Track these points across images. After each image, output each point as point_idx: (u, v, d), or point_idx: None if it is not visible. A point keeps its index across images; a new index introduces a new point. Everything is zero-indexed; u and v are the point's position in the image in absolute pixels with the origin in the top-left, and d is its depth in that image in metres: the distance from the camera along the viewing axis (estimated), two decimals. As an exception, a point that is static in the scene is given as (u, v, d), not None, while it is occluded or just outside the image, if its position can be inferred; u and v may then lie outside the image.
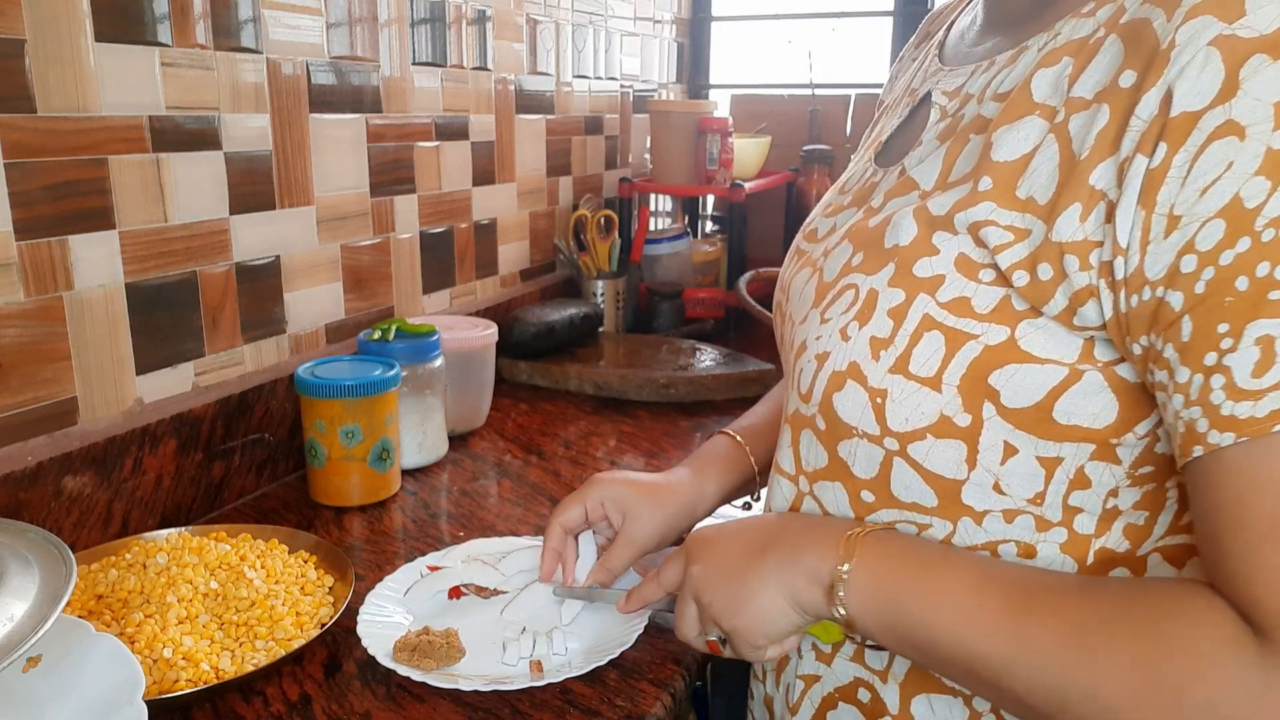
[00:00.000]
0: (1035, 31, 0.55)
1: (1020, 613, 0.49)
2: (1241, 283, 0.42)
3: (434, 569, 0.86)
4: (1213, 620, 0.43)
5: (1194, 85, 0.43)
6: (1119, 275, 0.46)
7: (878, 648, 0.61)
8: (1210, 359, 0.43)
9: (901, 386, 0.54)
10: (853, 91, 1.97)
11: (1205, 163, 0.43)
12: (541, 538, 0.88)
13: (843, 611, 0.55)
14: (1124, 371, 0.49)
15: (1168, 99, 0.44)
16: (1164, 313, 0.44)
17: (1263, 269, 0.41)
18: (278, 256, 1.09)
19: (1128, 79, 0.46)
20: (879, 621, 0.55)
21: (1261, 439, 0.41)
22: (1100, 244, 0.46)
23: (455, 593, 0.83)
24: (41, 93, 0.81)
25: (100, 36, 0.85)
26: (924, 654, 0.53)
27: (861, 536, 0.56)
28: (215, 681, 0.69)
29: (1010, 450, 0.52)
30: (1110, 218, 0.46)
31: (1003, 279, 0.51)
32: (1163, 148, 0.44)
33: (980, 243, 0.51)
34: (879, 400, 0.55)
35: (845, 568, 0.55)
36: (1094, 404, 0.50)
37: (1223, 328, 0.42)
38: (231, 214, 1.02)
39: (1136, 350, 0.47)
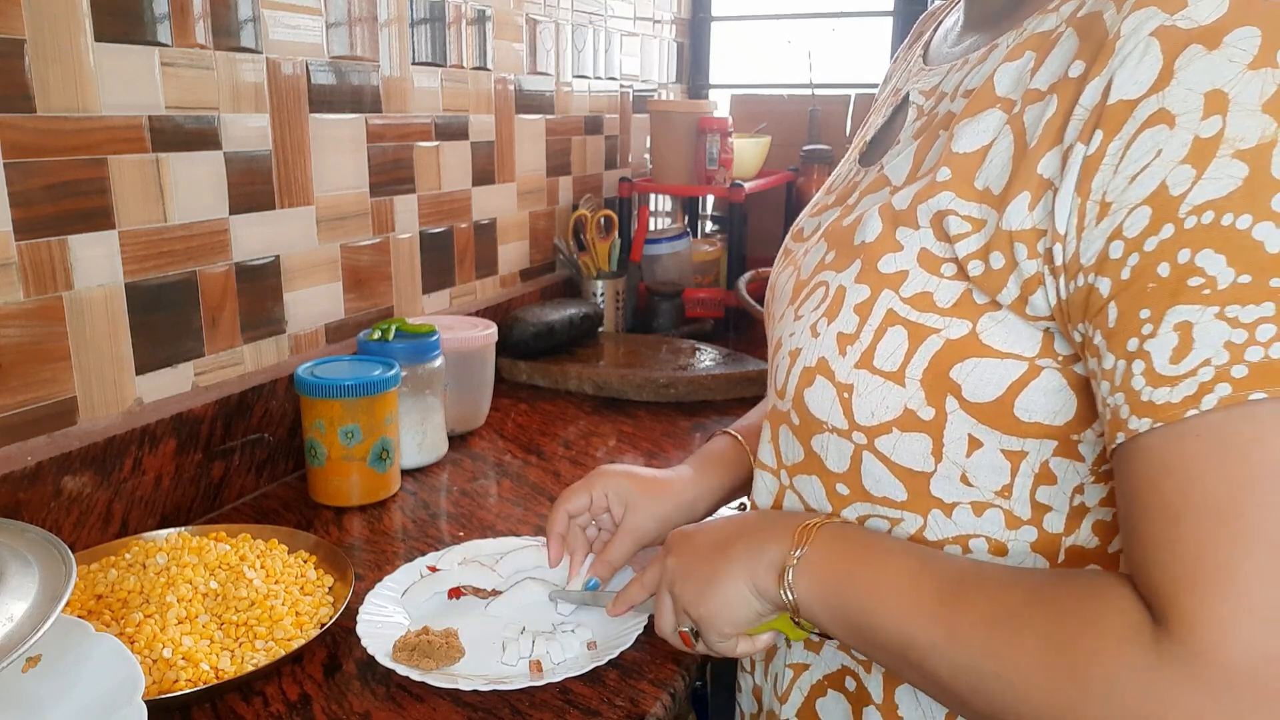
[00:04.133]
0: (1008, 29, 0.56)
1: (949, 599, 0.50)
2: (1163, 269, 0.42)
3: (433, 569, 0.86)
4: (1118, 606, 0.44)
5: (1132, 74, 0.44)
6: (1058, 262, 0.47)
7: (826, 636, 0.61)
8: (1132, 344, 0.43)
9: (867, 381, 0.55)
10: (852, 91, 1.97)
11: (1137, 150, 0.43)
12: (540, 537, 0.88)
13: (790, 596, 0.57)
14: (1081, 368, 0.50)
15: (1108, 88, 0.45)
16: (1094, 299, 0.45)
17: (1183, 255, 0.41)
18: (277, 256, 1.09)
19: (1076, 70, 0.47)
20: (825, 607, 0.56)
21: (1175, 424, 0.41)
22: (1046, 232, 0.47)
23: (455, 593, 0.83)
24: (41, 93, 0.81)
25: (100, 36, 0.85)
26: (863, 639, 0.55)
27: (817, 527, 0.58)
28: (215, 681, 0.69)
29: (975, 443, 0.53)
30: (1053, 206, 0.47)
31: (963, 272, 0.52)
32: (1098, 135, 0.45)
33: (942, 234, 0.52)
34: (846, 395, 0.56)
35: (797, 553, 0.57)
36: (1053, 401, 0.50)
37: (1144, 313, 0.43)
38: (231, 214, 1.02)
39: (1077, 338, 0.48)
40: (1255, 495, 0.39)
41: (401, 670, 0.70)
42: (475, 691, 0.70)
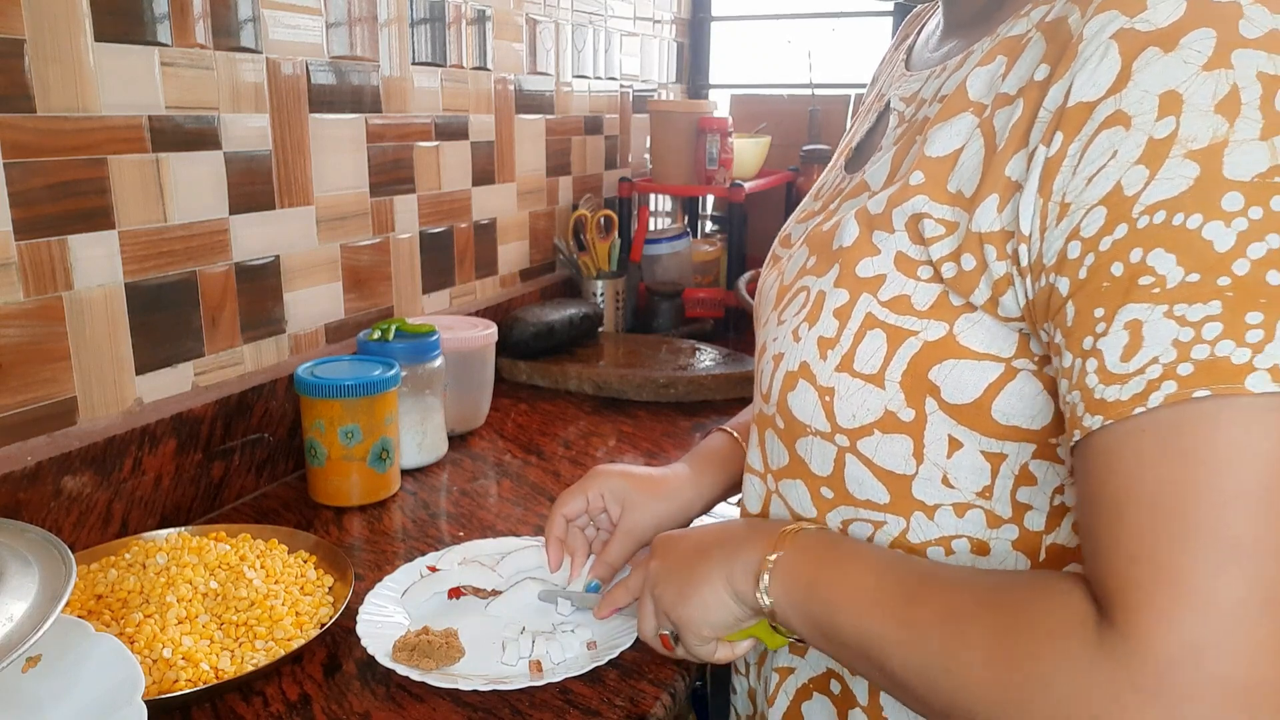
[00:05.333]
0: (984, 34, 0.56)
1: (911, 597, 0.51)
2: (1116, 268, 0.43)
3: (434, 569, 0.86)
4: (1065, 600, 0.44)
5: (1091, 76, 0.45)
6: (1023, 263, 0.47)
7: (797, 639, 0.62)
8: (1087, 343, 0.44)
9: (847, 384, 0.56)
10: (852, 91, 1.97)
11: (1094, 151, 0.44)
12: (540, 538, 0.88)
13: (766, 600, 0.58)
14: (1054, 372, 0.50)
15: (1069, 90, 0.45)
16: (1055, 298, 0.46)
17: (1136, 255, 0.42)
18: (277, 256, 1.09)
19: (1041, 73, 0.48)
20: (795, 608, 0.57)
21: (1123, 421, 0.42)
22: (1013, 234, 0.48)
23: (455, 593, 0.83)
24: (41, 92, 0.81)
25: (100, 36, 0.85)
26: (828, 639, 0.55)
27: (792, 533, 0.59)
28: (215, 681, 0.69)
29: (955, 444, 0.53)
30: (1019, 208, 0.48)
31: (939, 275, 0.52)
32: (1059, 137, 0.45)
33: (917, 237, 0.53)
34: (827, 398, 0.57)
35: (773, 557, 0.58)
36: (1030, 406, 0.51)
37: (1098, 312, 0.43)
38: (231, 214, 1.02)
39: (1044, 338, 0.48)
40: (1197, 491, 0.40)
41: (401, 670, 0.70)
42: (475, 691, 0.70)
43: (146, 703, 0.55)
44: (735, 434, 0.84)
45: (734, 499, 0.85)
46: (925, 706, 0.50)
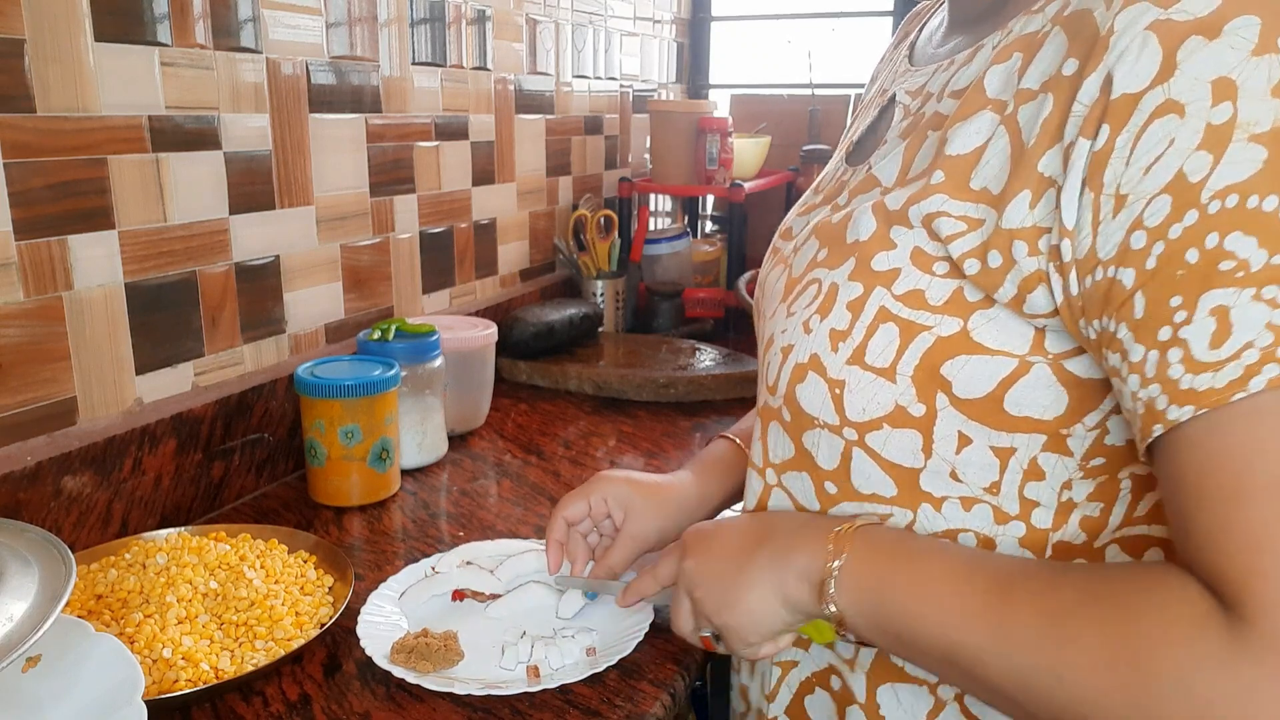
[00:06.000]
0: (993, 30, 0.56)
1: (1000, 601, 0.49)
2: (1192, 255, 0.42)
3: (436, 571, 0.86)
4: (1181, 596, 0.43)
5: (1133, 68, 0.44)
6: (1067, 258, 0.47)
7: (861, 643, 0.60)
8: (1165, 334, 0.43)
9: (858, 377, 0.55)
10: (852, 91, 1.97)
11: (1147, 141, 0.43)
12: (543, 540, 0.88)
13: (834, 609, 0.55)
14: (1072, 366, 0.50)
15: (1108, 83, 0.45)
16: (1116, 292, 0.45)
17: (1212, 240, 0.41)
18: (277, 256, 1.09)
19: (1070, 67, 0.48)
20: (865, 616, 0.55)
21: (1221, 409, 0.41)
22: (1049, 230, 0.47)
23: (459, 595, 0.83)
24: (41, 92, 0.81)
25: (100, 36, 0.85)
26: (907, 646, 0.53)
27: (850, 532, 0.56)
28: (215, 681, 0.69)
29: (964, 440, 0.53)
30: (1059, 203, 0.47)
31: (956, 270, 0.52)
32: (1105, 130, 0.45)
33: (934, 235, 0.53)
34: (837, 391, 0.56)
35: (836, 564, 0.55)
36: (1044, 396, 0.51)
37: (1175, 301, 0.42)
38: (231, 214, 1.02)
39: (1091, 335, 0.47)
40: None
41: (397, 672, 0.70)
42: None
43: (146, 703, 0.55)
44: (738, 440, 0.83)
45: (736, 506, 0.85)
46: (1026, 714, 0.48)
